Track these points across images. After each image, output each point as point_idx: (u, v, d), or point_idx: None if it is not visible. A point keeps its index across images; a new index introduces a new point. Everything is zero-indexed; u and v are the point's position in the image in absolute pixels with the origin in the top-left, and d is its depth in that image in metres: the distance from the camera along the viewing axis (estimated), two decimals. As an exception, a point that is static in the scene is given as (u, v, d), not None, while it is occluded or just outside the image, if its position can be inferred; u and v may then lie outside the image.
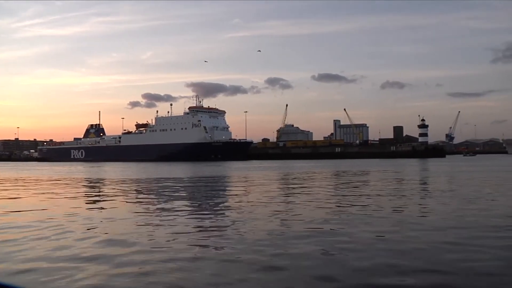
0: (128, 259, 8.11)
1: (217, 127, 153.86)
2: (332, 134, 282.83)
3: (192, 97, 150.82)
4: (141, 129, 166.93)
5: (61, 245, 9.35)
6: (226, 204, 17.67)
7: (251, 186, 27.15)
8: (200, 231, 11.20)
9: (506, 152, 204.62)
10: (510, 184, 27.75)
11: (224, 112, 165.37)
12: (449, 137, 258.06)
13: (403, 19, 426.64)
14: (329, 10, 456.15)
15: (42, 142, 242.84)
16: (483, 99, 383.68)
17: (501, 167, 54.10)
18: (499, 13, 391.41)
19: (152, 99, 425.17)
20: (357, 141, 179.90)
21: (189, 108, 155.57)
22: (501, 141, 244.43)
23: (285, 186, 28.34)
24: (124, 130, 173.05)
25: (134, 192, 24.77)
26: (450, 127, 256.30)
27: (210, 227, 11.75)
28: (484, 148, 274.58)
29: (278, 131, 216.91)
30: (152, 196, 21.80)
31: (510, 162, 76.03)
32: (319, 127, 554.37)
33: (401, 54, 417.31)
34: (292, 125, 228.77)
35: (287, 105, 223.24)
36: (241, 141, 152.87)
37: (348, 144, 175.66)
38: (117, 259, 8.06)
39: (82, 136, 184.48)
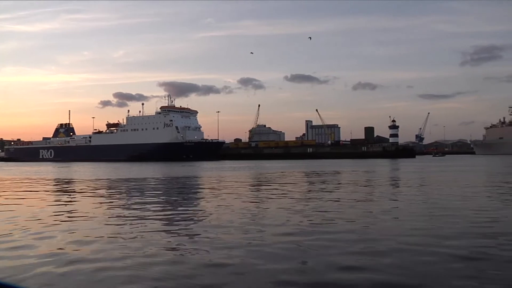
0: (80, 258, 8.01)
1: (189, 127, 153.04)
2: (304, 134, 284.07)
3: (164, 97, 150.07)
4: (112, 128, 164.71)
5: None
6: (193, 206, 17.52)
7: (221, 188, 27.00)
8: (163, 231, 11.10)
9: (473, 153, 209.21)
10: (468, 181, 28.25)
11: (196, 112, 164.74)
12: (419, 138, 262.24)
13: (376, 21, 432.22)
14: (302, 11, 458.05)
15: (9, 141, 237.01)
16: (452, 100, 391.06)
17: (467, 167, 55.13)
18: (467, 18, 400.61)
19: (124, 98, 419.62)
20: (329, 142, 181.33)
21: (161, 107, 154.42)
22: (469, 142, 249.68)
23: (256, 187, 28.28)
24: (95, 129, 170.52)
25: (101, 192, 24.39)
26: (420, 128, 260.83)
27: (177, 229, 11.64)
28: (452, 148, 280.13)
29: (250, 131, 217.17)
30: (116, 197, 21.49)
31: (477, 162, 77.58)
32: (291, 128, 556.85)
33: (373, 55, 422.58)
34: (264, 126, 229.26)
35: (259, 106, 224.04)
36: (213, 141, 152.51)
37: (320, 145, 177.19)
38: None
39: (51, 135, 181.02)
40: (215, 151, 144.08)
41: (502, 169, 47.11)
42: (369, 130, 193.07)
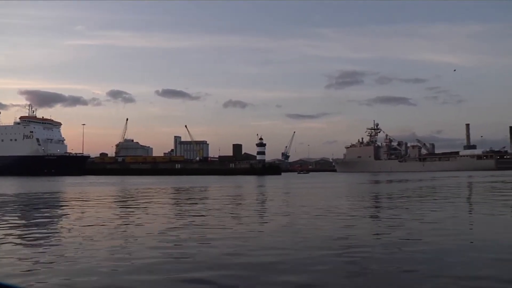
0: None
1: (51, 139, 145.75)
2: (172, 150, 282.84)
3: (25, 106, 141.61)
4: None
5: None
6: (50, 224, 17.36)
7: (81, 205, 26.66)
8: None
9: (335, 170, 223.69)
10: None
11: (60, 124, 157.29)
12: (285, 155, 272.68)
13: (248, 41, 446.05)
14: (175, 26, 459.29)
15: None
16: (317, 121, 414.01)
17: (327, 183, 58.89)
18: (333, 44, 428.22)
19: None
20: (197, 158, 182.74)
21: (21, 117, 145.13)
22: (331, 160, 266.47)
23: (118, 203, 28.28)
24: None
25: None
26: (286, 146, 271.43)
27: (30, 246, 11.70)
28: (316, 166, 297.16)
29: (117, 145, 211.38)
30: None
31: (336, 179, 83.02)
32: (160, 143, 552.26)
33: (244, 74, 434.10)
34: (132, 140, 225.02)
35: (127, 119, 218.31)
36: (78, 155, 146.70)
37: (188, 161, 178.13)
38: None
39: None
40: (79, 165, 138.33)
41: (348, 187, 51.14)
42: (237, 147, 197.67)
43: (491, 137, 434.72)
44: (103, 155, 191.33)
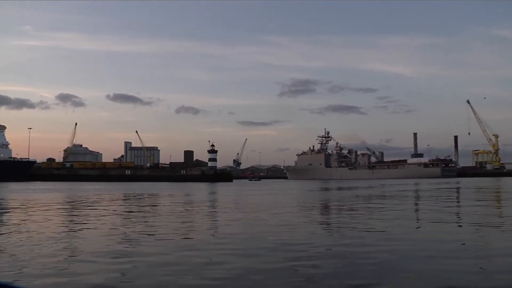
0: None
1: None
2: (122, 156, 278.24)
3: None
4: None
5: None
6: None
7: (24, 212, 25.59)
8: None
9: (286, 178, 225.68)
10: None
11: (4, 127, 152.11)
12: (237, 162, 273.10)
13: (201, 47, 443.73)
14: (128, 30, 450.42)
15: None
16: (269, 128, 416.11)
17: (278, 190, 59.05)
18: (287, 52, 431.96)
19: None
20: (148, 164, 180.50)
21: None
22: (282, 168, 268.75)
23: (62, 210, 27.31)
24: None
25: None
26: (238, 153, 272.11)
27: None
28: (267, 173, 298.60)
29: (65, 151, 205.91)
30: None
31: (287, 186, 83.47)
32: (110, 149, 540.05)
33: (197, 80, 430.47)
34: (81, 145, 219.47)
35: (76, 124, 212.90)
36: (23, 160, 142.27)
37: (138, 167, 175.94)
38: None
39: None
40: (24, 171, 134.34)
41: (299, 194, 51.43)
42: (188, 154, 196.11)
43: (437, 146, 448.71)
44: (50, 160, 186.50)
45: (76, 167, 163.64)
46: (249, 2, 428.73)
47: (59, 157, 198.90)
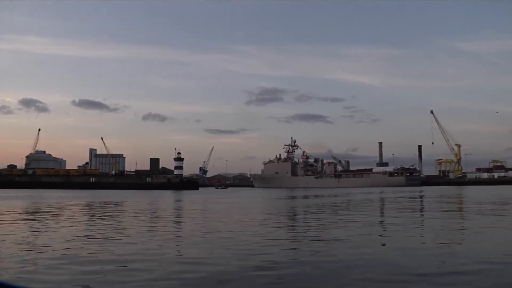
0: None
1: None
2: (87, 163, 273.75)
3: None
4: None
5: None
6: None
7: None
8: None
9: (253, 186, 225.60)
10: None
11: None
12: (203, 170, 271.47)
13: (168, 53, 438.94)
14: (94, 35, 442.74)
15: None
16: (236, 136, 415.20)
17: (244, 198, 59.14)
18: (254, 61, 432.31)
19: None
20: (113, 172, 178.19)
21: None
22: (249, 176, 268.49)
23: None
24: None
25: None
26: (204, 161, 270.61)
27: None
28: (234, 181, 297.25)
29: (27, 157, 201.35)
30: None
31: (254, 194, 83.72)
32: (74, 155, 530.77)
33: (164, 87, 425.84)
34: (44, 152, 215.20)
35: (39, 130, 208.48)
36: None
37: (103, 174, 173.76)
38: None
39: None
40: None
41: (265, 202, 51.70)
42: (154, 161, 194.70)
43: (402, 155, 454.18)
44: (12, 167, 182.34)
45: (39, 174, 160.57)
46: (217, 10, 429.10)
47: (21, 164, 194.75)
